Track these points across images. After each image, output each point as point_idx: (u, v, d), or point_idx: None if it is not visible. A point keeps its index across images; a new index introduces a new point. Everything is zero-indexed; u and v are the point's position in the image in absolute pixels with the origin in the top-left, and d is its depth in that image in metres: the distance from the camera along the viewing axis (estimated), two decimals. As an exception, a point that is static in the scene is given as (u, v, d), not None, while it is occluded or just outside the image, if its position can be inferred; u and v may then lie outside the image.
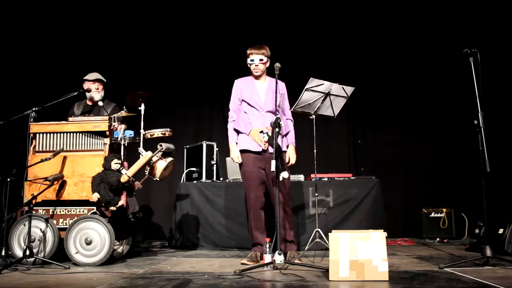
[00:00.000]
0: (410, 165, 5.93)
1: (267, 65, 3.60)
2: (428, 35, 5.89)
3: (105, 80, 4.32)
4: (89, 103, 4.32)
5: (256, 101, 3.55)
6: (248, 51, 3.57)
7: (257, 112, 3.54)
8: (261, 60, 3.54)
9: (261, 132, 3.38)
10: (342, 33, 6.08)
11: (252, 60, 3.55)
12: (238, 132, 3.59)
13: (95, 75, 4.29)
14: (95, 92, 4.26)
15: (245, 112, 3.57)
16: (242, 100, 3.60)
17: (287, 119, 3.65)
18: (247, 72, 3.72)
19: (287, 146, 3.57)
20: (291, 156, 3.55)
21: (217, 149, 4.96)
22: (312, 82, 3.70)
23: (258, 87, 3.61)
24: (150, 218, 5.95)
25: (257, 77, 3.61)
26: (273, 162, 2.94)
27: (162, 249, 4.70)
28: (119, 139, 3.69)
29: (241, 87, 3.62)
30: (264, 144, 3.41)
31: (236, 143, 3.56)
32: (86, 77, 4.29)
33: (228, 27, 6.12)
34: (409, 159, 5.95)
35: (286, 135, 3.59)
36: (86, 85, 4.26)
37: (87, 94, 4.27)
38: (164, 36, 6.19)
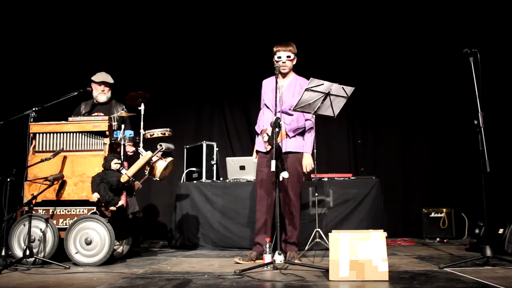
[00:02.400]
0: (410, 165, 5.93)
1: (294, 62, 3.60)
2: (428, 35, 5.89)
3: (112, 82, 4.29)
4: (96, 102, 4.32)
5: (272, 101, 3.54)
6: (275, 48, 3.57)
7: (270, 112, 3.54)
8: (288, 57, 3.54)
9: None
10: (342, 33, 6.07)
11: (279, 57, 3.54)
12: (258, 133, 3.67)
13: (101, 77, 4.25)
14: (101, 94, 4.25)
15: (263, 113, 3.64)
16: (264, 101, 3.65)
17: (306, 119, 3.59)
18: (246, 72, 3.71)
19: (302, 153, 3.58)
20: (305, 164, 3.54)
21: (217, 149, 4.96)
22: (312, 82, 3.68)
23: (278, 86, 3.59)
24: (150, 218, 5.94)
25: (283, 75, 3.61)
26: (273, 162, 2.95)
27: (162, 249, 4.70)
28: (119, 139, 3.69)
29: (264, 88, 3.68)
30: (266, 146, 3.42)
31: None
32: (93, 78, 4.27)
33: (228, 27, 6.12)
34: (409, 159, 5.95)
35: (302, 134, 3.57)
36: (93, 86, 4.26)
37: (93, 94, 4.26)
38: (164, 36, 6.18)
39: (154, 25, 6.16)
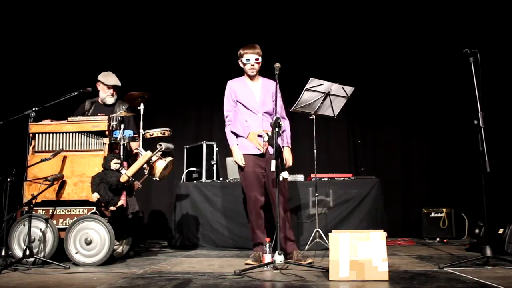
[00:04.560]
0: (410, 165, 5.93)
1: (260, 65, 3.58)
2: (428, 35, 5.90)
3: (120, 85, 4.25)
4: (101, 103, 4.28)
5: (252, 103, 3.54)
6: (242, 51, 3.55)
7: (253, 115, 3.53)
8: (256, 59, 3.53)
9: (259, 136, 3.40)
10: (342, 33, 6.08)
11: (247, 60, 3.52)
12: (236, 134, 3.58)
13: (112, 81, 4.19)
14: (109, 96, 4.21)
15: (242, 115, 3.56)
16: (237, 102, 3.59)
17: (281, 117, 3.63)
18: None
19: (283, 147, 3.57)
20: (287, 158, 3.56)
21: (217, 149, 4.96)
22: (312, 82, 3.69)
23: (252, 88, 3.59)
24: (150, 218, 5.95)
25: (251, 78, 3.60)
26: (273, 162, 2.94)
27: (162, 249, 4.70)
28: (118, 139, 3.69)
29: (235, 88, 3.60)
30: (263, 146, 3.42)
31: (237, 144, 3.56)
32: (102, 80, 4.19)
33: (228, 27, 6.12)
34: (409, 159, 5.95)
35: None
36: (99, 86, 4.21)
37: (100, 94, 4.24)
38: (164, 36, 6.19)
39: (154, 25, 6.16)
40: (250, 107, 3.54)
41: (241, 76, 3.67)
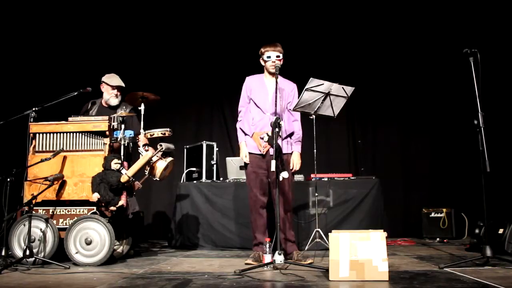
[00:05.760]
0: (410, 165, 5.93)
1: (281, 62, 3.56)
2: (428, 35, 5.89)
3: (124, 86, 4.20)
4: (105, 105, 4.24)
5: (263, 101, 3.54)
6: (263, 49, 3.55)
7: (262, 113, 3.53)
8: (277, 56, 3.52)
9: (262, 138, 3.40)
10: (342, 33, 6.08)
11: (268, 57, 3.52)
12: (244, 132, 3.61)
13: (117, 81, 4.16)
14: (113, 97, 4.17)
15: (251, 113, 3.57)
16: (251, 99, 3.60)
17: (294, 120, 3.63)
18: (247, 72, 3.72)
19: (291, 152, 3.57)
20: (295, 162, 3.57)
21: (217, 149, 4.96)
22: (312, 82, 3.68)
23: (268, 86, 3.59)
24: (150, 218, 5.95)
25: (272, 74, 3.57)
26: (273, 162, 2.95)
27: (162, 249, 4.70)
28: (119, 139, 3.69)
29: (251, 85, 3.61)
30: (264, 148, 3.43)
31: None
32: (106, 81, 4.15)
33: (228, 27, 6.12)
34: (409, 159, 5.95)
35: (290, 136, 3.57)
36: (103, 87, 4.18)
37: (104, 96, 4.20)
38: (165, 36, 6.19)
39: (154, 26, 6.16)
40: (261, 105, 3.54)
41: (261, 74, 3.66)
